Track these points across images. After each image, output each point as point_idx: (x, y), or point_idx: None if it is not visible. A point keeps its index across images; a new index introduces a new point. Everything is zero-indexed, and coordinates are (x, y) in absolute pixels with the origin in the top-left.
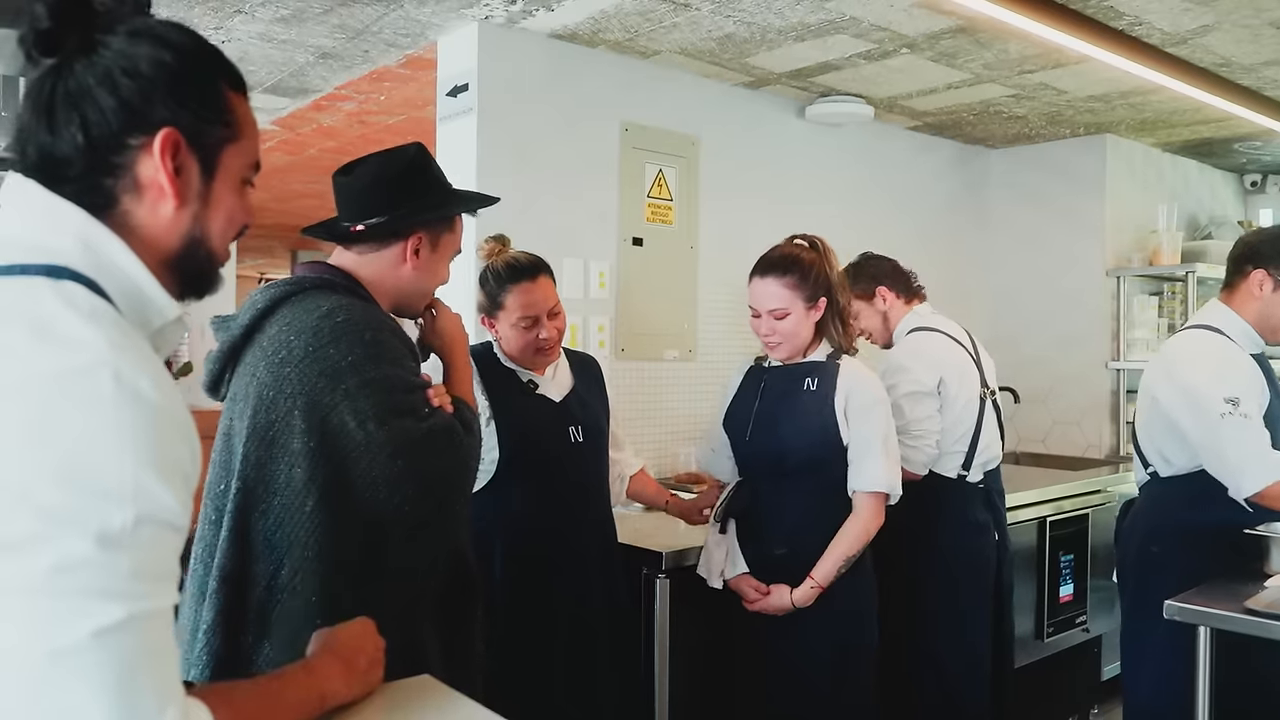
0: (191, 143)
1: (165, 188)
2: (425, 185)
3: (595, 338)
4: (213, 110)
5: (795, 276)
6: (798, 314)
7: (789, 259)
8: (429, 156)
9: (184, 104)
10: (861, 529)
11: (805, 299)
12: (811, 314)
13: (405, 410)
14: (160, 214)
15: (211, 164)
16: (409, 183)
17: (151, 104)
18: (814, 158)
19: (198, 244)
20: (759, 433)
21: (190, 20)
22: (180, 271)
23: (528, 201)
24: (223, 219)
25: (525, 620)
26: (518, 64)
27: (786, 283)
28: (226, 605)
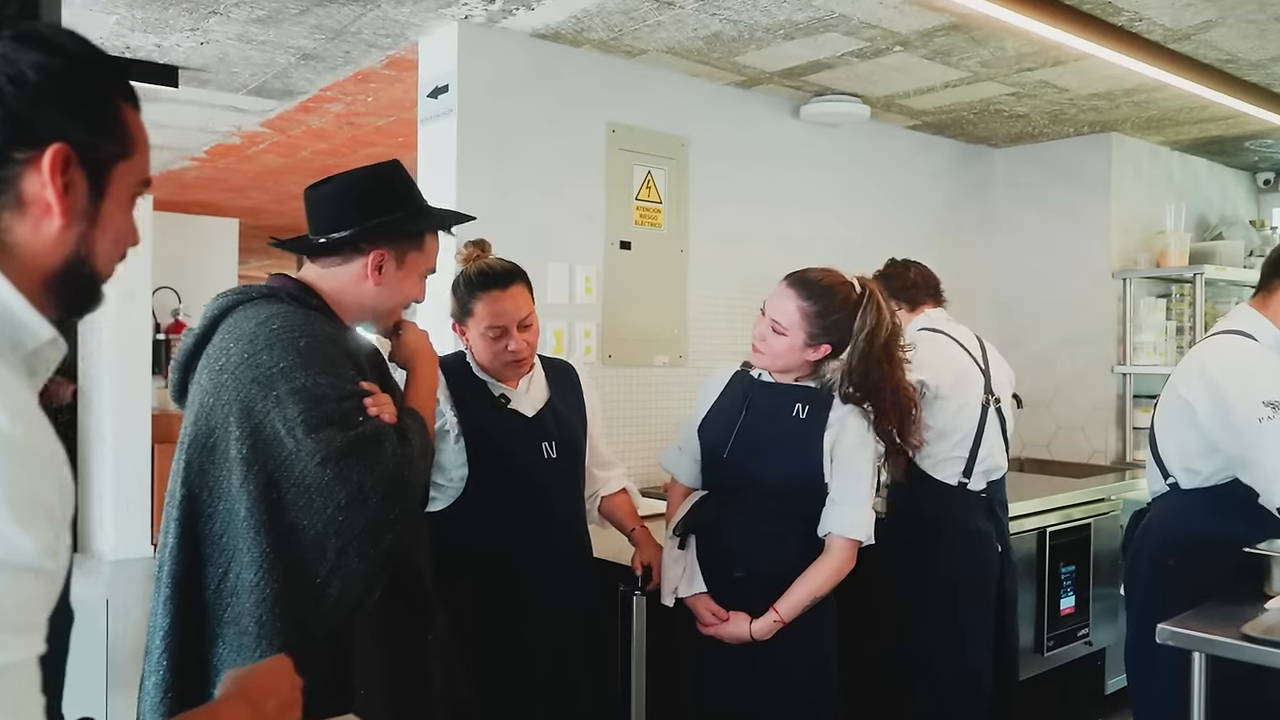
0: (82, 159)
1: (52, 206)
2: (394, 201)
3: (581, 344)
4: (105, 124)
5: (815, 306)
6: (793, 342)
7: (822, 285)
8: (402, 173)
9: (75, 117)
10: (834, 572)
11: (808, 334)
12: (808, 352)
13: (333, 419)
14: (43, 233)
15: (102, 182)
16: (376, 198)
17: (40, 115)
18: (810, 158)
19: (81, 264)
20: (739, 452)
21: (165, 21)
22: (60, 292)
23: (510, 205)
24: (110, 239)
25: (496, 639)
26: (499, 64)
27: (802, 306)
28: (179, 610)
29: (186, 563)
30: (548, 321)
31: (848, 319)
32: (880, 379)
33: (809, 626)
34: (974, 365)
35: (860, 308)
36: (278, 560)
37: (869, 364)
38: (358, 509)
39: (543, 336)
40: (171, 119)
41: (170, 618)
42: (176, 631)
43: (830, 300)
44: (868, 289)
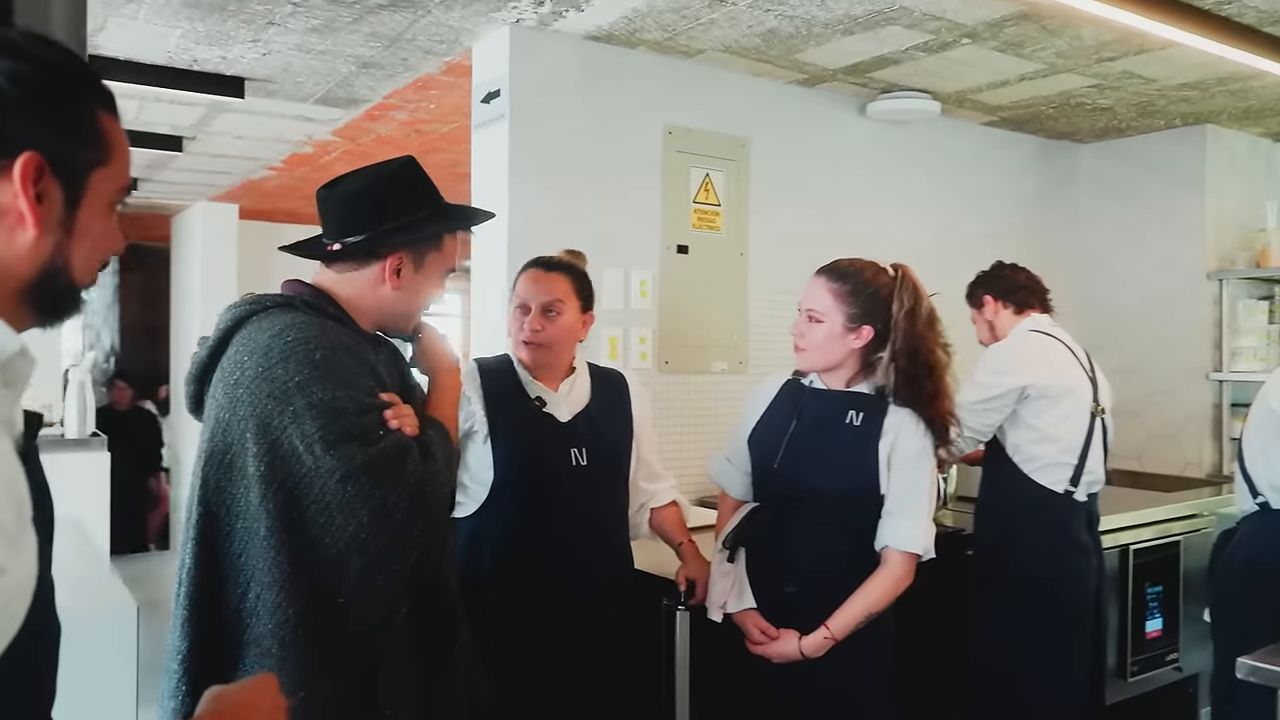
0: (55, 167)
1: (25, 215)
2: (410, 202)
3: (637, 350)
4: (80, 132)
5: (846, 286)
6: (831, 328)
7: (849, 268)
8: (417, 170)
9: (47, 125)
10: (890, 587)
11: (846, 316)
12: (849, 336)
13: (353, 434)
14: (17, 242)
15: (77, 190)
16: (392, 200)
17: (9, 124)
18: (877, 157)
19: (58, 274)
20: (790, 462)
21: (227, 34)
22: (35, 302)
23: (564, 210)
24: (87, 247)
25: (518, 644)
26: (551, 68)
27: (833, 289)
28: (197, 632)
29: (204, 583)
30: (602, 327)
31: (884, 298)
32: (926, 362)
33: (864, 645)
34: (1082, 372)
35: (896, 288)
36: (299, 579)
37: (915, 345)
38: (381, 526)
39: (597, 341)
40: (247, 130)
41: (188, 640)
42: (194, 654)
43: (860, 279)
44: (899, 269)
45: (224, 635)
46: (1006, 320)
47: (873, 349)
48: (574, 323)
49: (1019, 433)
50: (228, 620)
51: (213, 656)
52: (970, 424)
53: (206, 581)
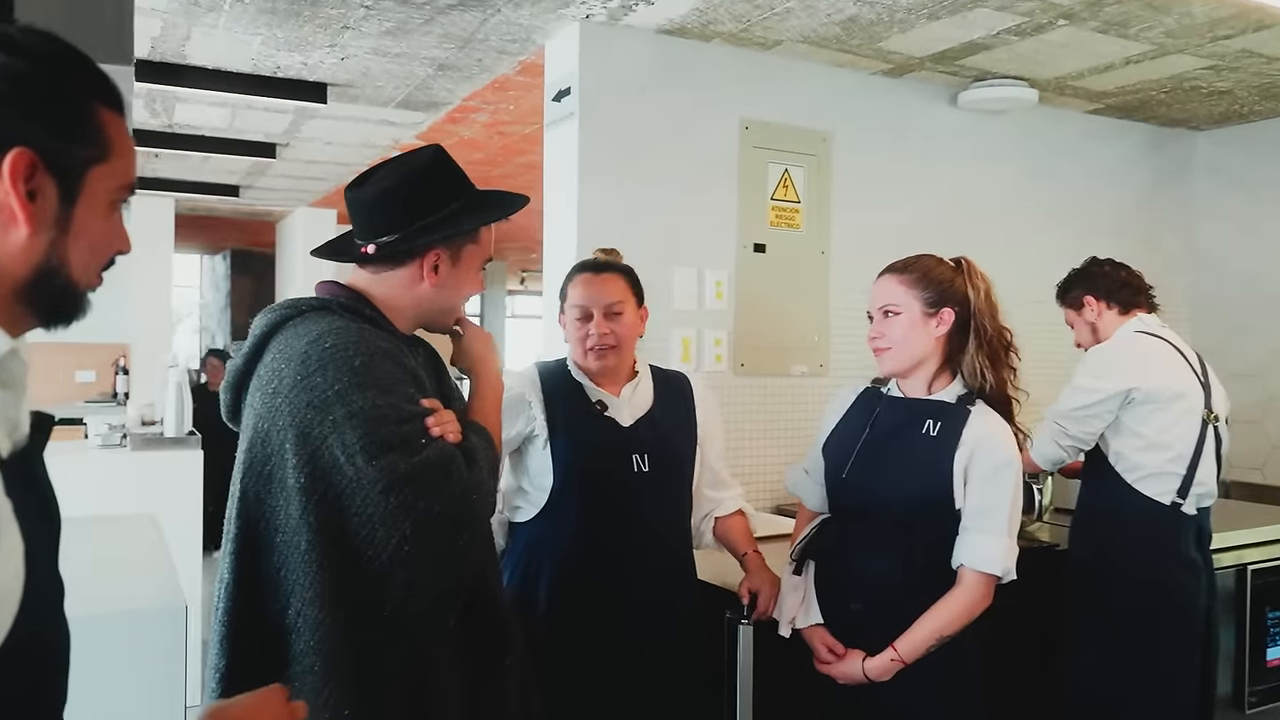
0: (49, 164)
1: (16, 213)
2: (441, 195)
3: (711, 352)
4: (76, 128)
5: (914, 273)
6: (911, 316)
7: (910, 261)
8: (446, 160)
9: (39, 120)
10: (964, 609)
11: (924, 301)
12: (931, 323)
13: (395, 443)
14: (10, 241)
15: (73, 188)
16: (422, 194)
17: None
18: (970, 149)
19: (54, 273)
20: (859, 471)
21: (304, 39)
22: (32, 302)
23: (635, 209)
24: (86, 246)
25: (573, 655)
26: (623, 63)
27: (902, 279)
28: (235, 649)
29: (243, 599)
30: (673, 329)
31: (954, 282)
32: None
33: (939, 668)
34: (1193, 376)
35: (966, 276)
36: (342, 594)
37: (999, 328)
38: (425, 538)
39: (668, 343)
40: (335, 135)
41: (226, 657)
42: (233, 671)
43: (923, 265)
44: (962, 259)
45: (265, 652)
46: (1110, 322)
47: (954, 340)
48: (635, 322)
49: (1122, 440)
50: (269, 637)
51: (253, 674)
52: (1072, 431)
53: (246, 597)
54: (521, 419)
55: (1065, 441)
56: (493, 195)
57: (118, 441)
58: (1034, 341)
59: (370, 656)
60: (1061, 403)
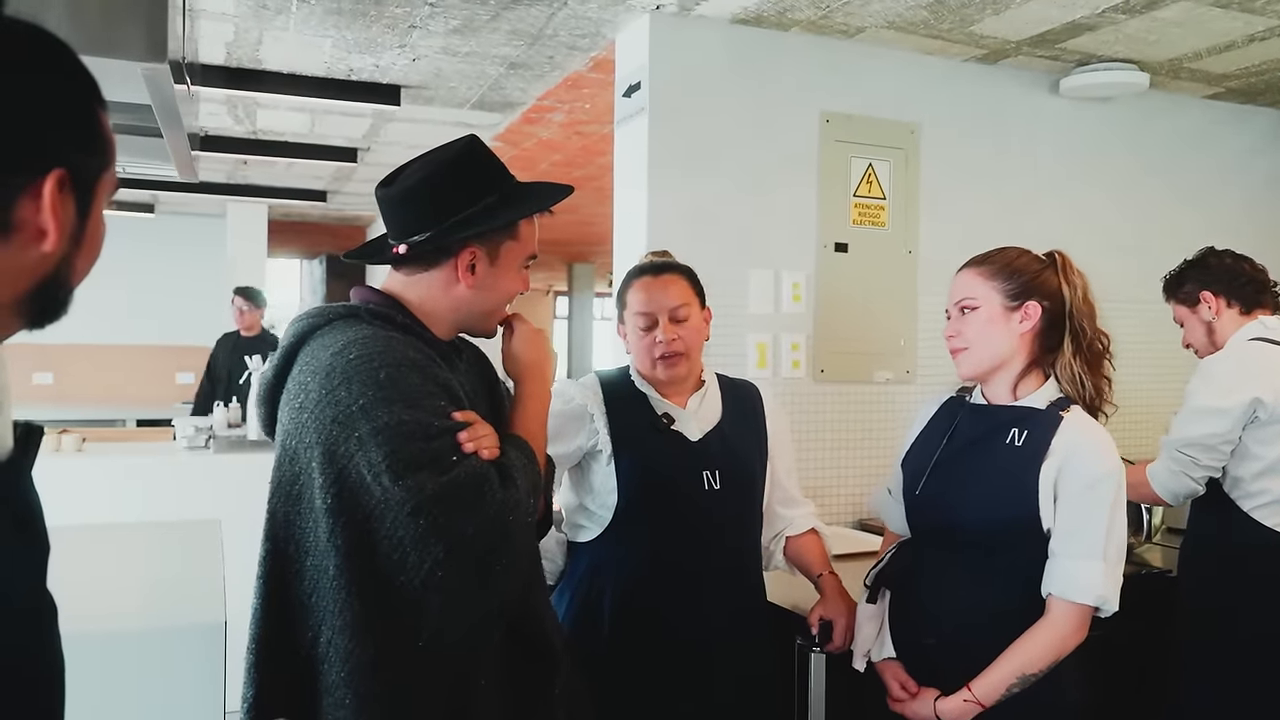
0: (74, 180)
1: (48, 231)
2: (475, 188)
3: (788, 358)
4: (92, 139)
5: (994, 265)
6: (991, 311)
7: (993, 252)
8: (479, 151)
9: (68, 135)
10: (1052, 644)
11: (1005, 294)
12: (1013, 318)
13: (423, 461)
14: (28, 256)
15: (88, 199)
16: (453, 188)
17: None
18: (1074, 139)
19: (60, 284)
20: (934, 487)
21: (373, 40)
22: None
23: (707, 208)
24: (90, 256)
25: (636, 689)
26: (695, 56)
27: (981, 271)
28: (264, 678)
29: (273, 626)
30: (749, 333)
31: (1043, 274)
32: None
33: (1035, 705)
34: None
35: (1060, 272)
36: (373, 622)
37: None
38: (459, 562)
39: (743, 349)
40: (414, 138)
41: (255, 688)
42: (262, 702)
43: (1006, 257)
44: (1055, 253)
45: (297, 682)
46: (1230, 322)
47: (1046, 339)
48: (700, 324)
49: (1240, 464)
50: (301, 666)
51: (284, 705)
52: (1204, 461)
53: (274, 624)
54: (583, 433)
55: (1197, 473)
56: (534, 187)
57: (202, 444)
58: (1151, 348)
59: (403, 689)
60: (1185, 429)
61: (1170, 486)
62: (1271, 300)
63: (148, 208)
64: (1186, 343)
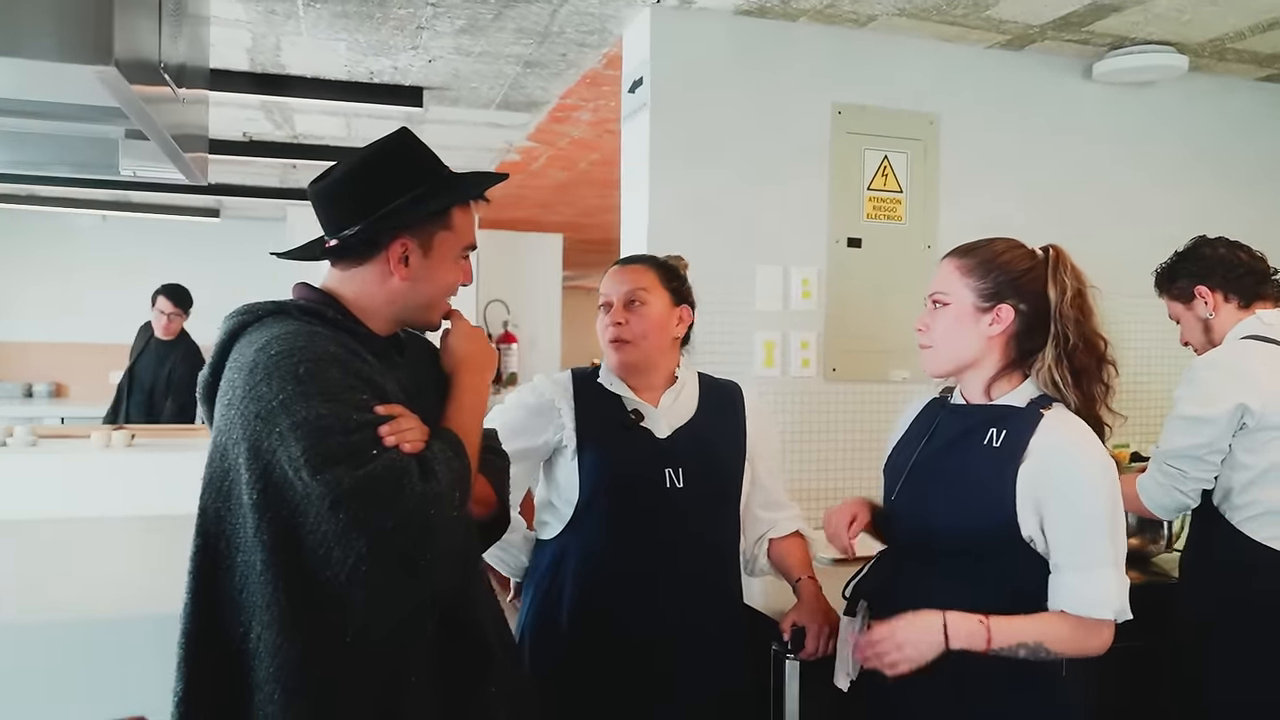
0: None
1: None
2: (403, 179)
3: (797, 356)
4: None
5: (973, 259)
6: (960, 310)
7: (977, 243)
8: (408, 143)
9: None
10: (1077, 641)
11: (978, 293)
12: (982, 319)
13: (341, 455)
14: None
15: None
16: (381, 180)
17: None
18: (1113, 127)
19: None
20: (908, 493)
21: (385, 42)
22: None
23: (711, 204)
24: None
25: (589, 689)
26: (698, 49)
27: (959, 265)
28: (194, 674)
29: (202, 621)
30: (756, 331)
31: (1028, 274)
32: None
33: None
34: None
35: (1050, 270)
36: (300, 618)
37: (1089, 338)
38: (381, 557)
39: (750, 347)
40: (448, 139)
41: (184, 682)
42: (190, 698)
43: (990, 251)
44: (1051, 249)
45: (226, 678)
46: (1228, 318)
47: (1023, 342)
48: (663, 316)
49: (1230, 474)
50: (231, 661)
51: (212, 701)
52: (1193, 474)
53: (204, 619)
54: (550, 428)
55: (1187, 486)
56: (467, 176)
57: None
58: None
59: (331, 685)
60: (1171, 440)
61: (1160, 501)
62: (1273, 291)
63: (214, 212)
64: (1184, 340)
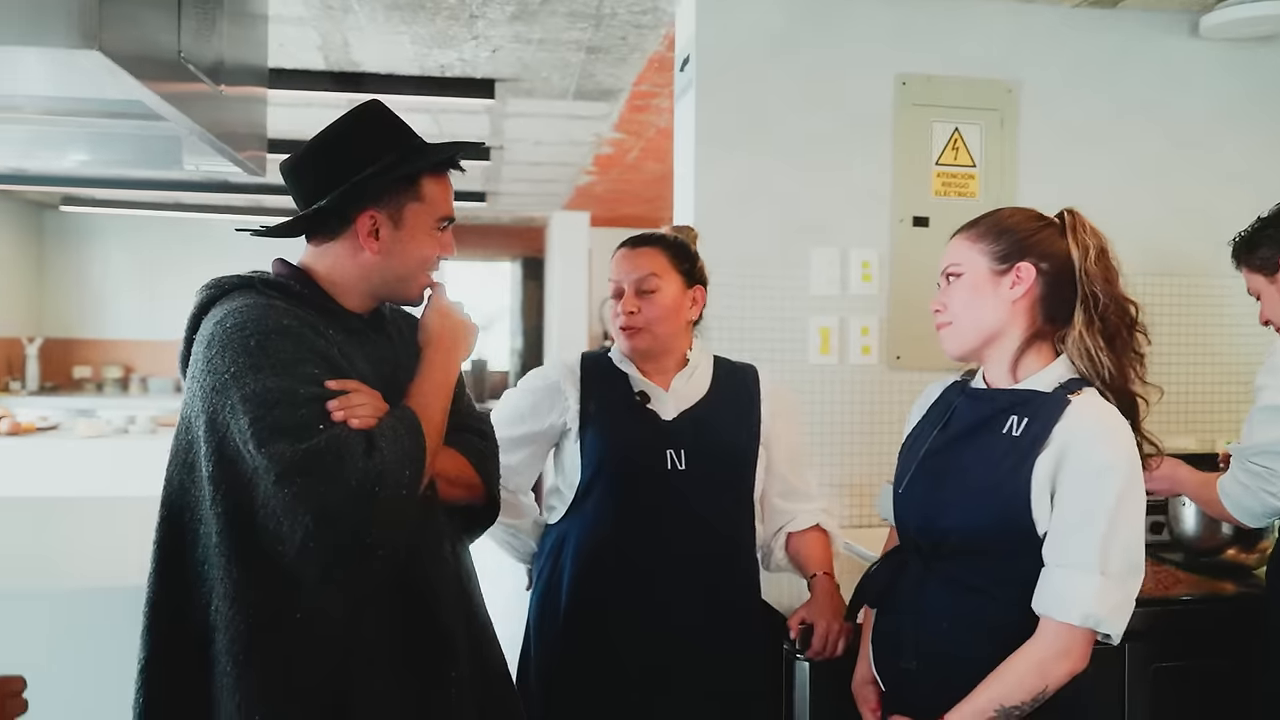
0: None
1: None
2: (369, 151)
3: (857, 343)
4: None
5: (984, 226)
6: (975, 276)
7: (984, 215)
8: (378, 113)
9: None
10: (1033, 670)
11: (992, 256)
12: (1002, 282)
13: (286, 429)
14: None
15: None
16: (347, 152)
17: None
18: (1226, 89)
19: None
20: (918, 486)
21: (445, 33)
22: None
23: (761, 183)
24: None
25: (587, 685)
26: (747, 24)
27: (968, 235)
28: (155, 642)
29: (166, 592)
30: (810, 317)
31: (1040, 233)
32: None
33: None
34: None
35: (1070, 228)
36: (252, 591)
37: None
38: (327, 532)
39: (805, 334)
40: (537, 133)
41: (147, 650)
42: (153, 665)
43: (997, 216)
44: (1066, 211)
45: (189, 648)
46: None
47: (1050, 306)
48: (676, 300)
49: None
50: (194, 631)
51: (176, 669)
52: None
53: (166, 590)
54: (555, 410)
55: (1276, 486)
56: (441, 145)
57: None
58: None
59: (279, 660)
60: (1256, 434)
61: (1245, 504)
62: None
63: None
64: (1265, 319)
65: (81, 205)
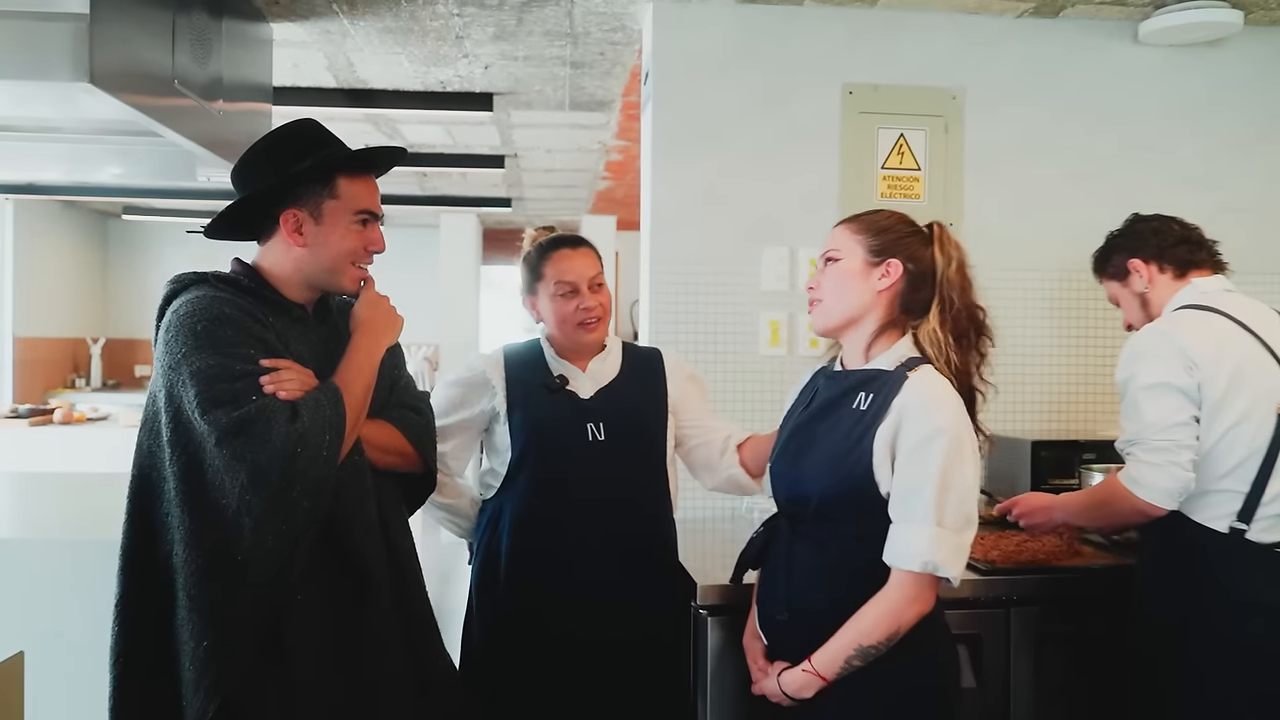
0: None
1: None
2: (290, 157)
3: (804, 336)
4: None
5: (863, 222)
6: (851, 264)
7: (868, 211)
8: (305, 126)
9: None
10: (886, 614)
11: (869, 249)
12: (873, 273)
13: (224, 399)
14: None
15: None
16: (270, 159)
17: None
18: (1168, 93)
19: None
20: (785, 458)
21: (438, 53)
22: None
23: (716, 191)
24: None
25: (527, 636)
26: (701, 40)
27: (851, 226)
28: (128, 583)
29: (135, 539)
30: (761, 312)
31: (913, 239)
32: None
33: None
34: (1267, 357)
35: (937, 240)
36: (203, 539)
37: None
38: (259, 488)
39: (755, 327)
40: (545, 142)
41: (121, 589)
42: (125, 602)
43: (879, 215)
44: (934, 224)
45: (158, 589)
46: (1165, 290)
47: (906, 300)
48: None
49: None
50: (160, 575)
51: (148, 608)
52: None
53: (136, 538)
54: (484, 398)
55: (1183, 457)
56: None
57: None
58: None
59: (227, 595)
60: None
61: (1160, 484)
62: (1209, 259)
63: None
64: (1127, 324)
65: (141, 215)
